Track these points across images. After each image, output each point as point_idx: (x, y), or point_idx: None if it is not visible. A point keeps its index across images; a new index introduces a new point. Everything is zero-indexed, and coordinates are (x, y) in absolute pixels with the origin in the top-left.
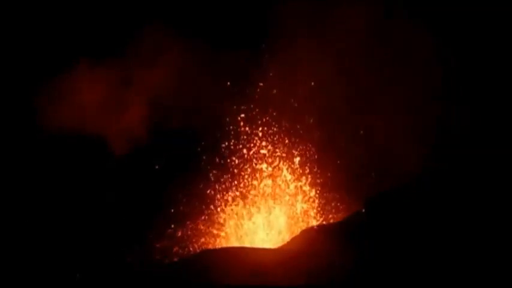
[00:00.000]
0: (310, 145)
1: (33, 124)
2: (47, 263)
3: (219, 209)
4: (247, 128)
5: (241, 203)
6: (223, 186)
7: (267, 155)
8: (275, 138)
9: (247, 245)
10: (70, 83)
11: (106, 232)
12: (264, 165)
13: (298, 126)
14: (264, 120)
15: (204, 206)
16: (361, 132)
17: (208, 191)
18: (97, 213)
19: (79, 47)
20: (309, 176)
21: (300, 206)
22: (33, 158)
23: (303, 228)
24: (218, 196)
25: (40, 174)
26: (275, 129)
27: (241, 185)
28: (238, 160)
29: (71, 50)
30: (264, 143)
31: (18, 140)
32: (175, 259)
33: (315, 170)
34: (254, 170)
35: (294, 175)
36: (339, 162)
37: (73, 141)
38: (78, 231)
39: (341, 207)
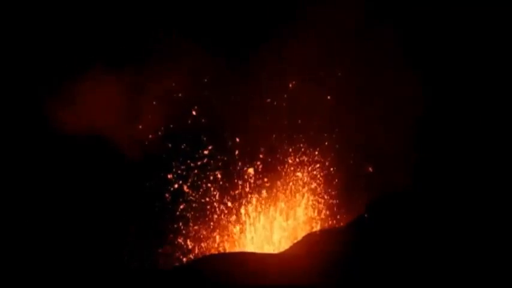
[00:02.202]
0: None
1: (44, 126)
2: (48, 266)
3: (221, 214)
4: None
5: (244, 207)
6: (226, 191)
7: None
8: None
9: (249, 249)
10: (83, 87)
11: (108, 237)
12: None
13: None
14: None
15: (206, 212)
16: (361, 134)
17: (211, 196)
18: (99, 217)
19: (94, 51)
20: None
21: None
22: (40, 160)
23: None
24: (221, 201)
25: (45, 175)
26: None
27: (245, 188)
28: (242, 164)
29: (85, 54)
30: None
31: (27, 141)
32: (177, 264)
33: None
34: (259, 173)
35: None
36: (339, 165)
37: (81, 143)
38: (79, 235)
39: (343, 211)
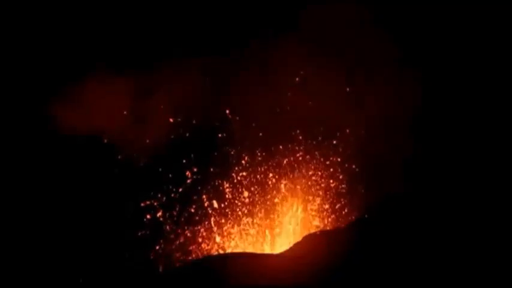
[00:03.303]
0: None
1: (46, 127)
2: (48, 266)
3: (222, 215)
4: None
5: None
6: (226, 193)
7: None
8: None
9: (249, 250)
10: (88, 90)
11: (108, 237)
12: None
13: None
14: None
15: (206, 212)
16: (360, 136)
17: (211, 198)
18: (99, 218)
19: (99, 54)
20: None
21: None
22: (43, 162)
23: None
24: (221, 203)
25: (46, 175)
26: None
27: (244, 194)
28: (242, 167)
29: (91, 57)
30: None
31: (29, 141)
32: (177, 265)
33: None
34: (257, 178)
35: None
36: (340, 166)
37: (82, 144)
38: (79, 235)
39: (343, 212)
